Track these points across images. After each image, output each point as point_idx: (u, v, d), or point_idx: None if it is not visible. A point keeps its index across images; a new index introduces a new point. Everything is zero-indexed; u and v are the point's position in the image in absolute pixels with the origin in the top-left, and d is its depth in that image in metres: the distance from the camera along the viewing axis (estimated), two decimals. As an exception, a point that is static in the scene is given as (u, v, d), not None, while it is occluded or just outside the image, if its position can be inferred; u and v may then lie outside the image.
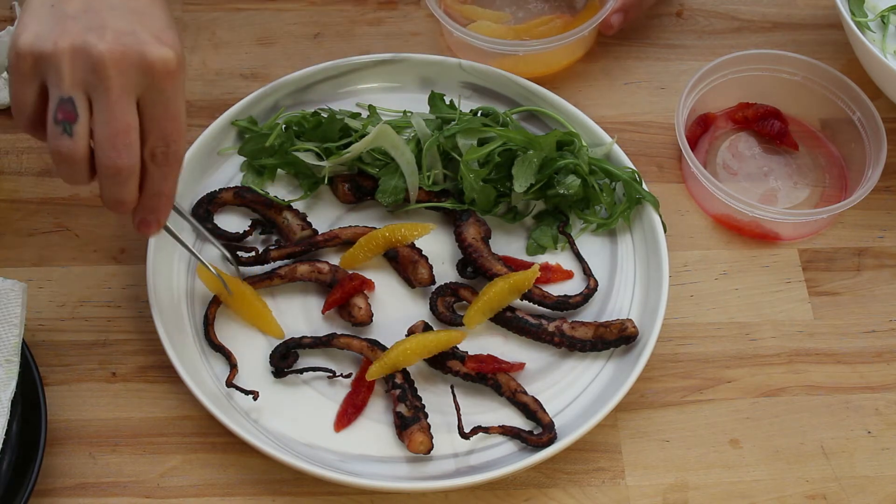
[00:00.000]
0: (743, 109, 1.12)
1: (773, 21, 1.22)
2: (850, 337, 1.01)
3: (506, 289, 0.96)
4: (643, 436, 0.95)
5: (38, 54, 0.75)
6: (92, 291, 0.99)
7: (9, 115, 1.09)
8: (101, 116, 0.75)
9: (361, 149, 1.01)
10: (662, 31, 1.20)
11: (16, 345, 0.89)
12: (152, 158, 0.78)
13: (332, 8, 1.19)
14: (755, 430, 0.95)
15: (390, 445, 0.92)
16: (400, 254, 0.99)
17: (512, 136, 1.01)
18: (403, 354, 0.93)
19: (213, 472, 0.91)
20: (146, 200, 0.81)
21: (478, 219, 1.01)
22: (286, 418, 0.93)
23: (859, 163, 1.08)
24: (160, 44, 0.76)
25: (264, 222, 1.02)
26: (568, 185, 1.02)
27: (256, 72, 1.14)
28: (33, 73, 0.76)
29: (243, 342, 0.96)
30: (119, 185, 0.78)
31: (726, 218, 1.06)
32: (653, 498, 0.92)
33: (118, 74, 0.74)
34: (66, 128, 0.76)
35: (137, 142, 0.77)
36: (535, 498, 0.91)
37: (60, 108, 0.75)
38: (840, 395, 0.98)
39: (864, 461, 0.94)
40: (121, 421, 0.93)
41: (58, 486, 0.89)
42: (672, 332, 1.00)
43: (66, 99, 0.75)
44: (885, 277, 1.04)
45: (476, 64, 1.09)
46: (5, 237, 1.02)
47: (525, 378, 0.96)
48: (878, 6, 1.13)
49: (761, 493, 0.92)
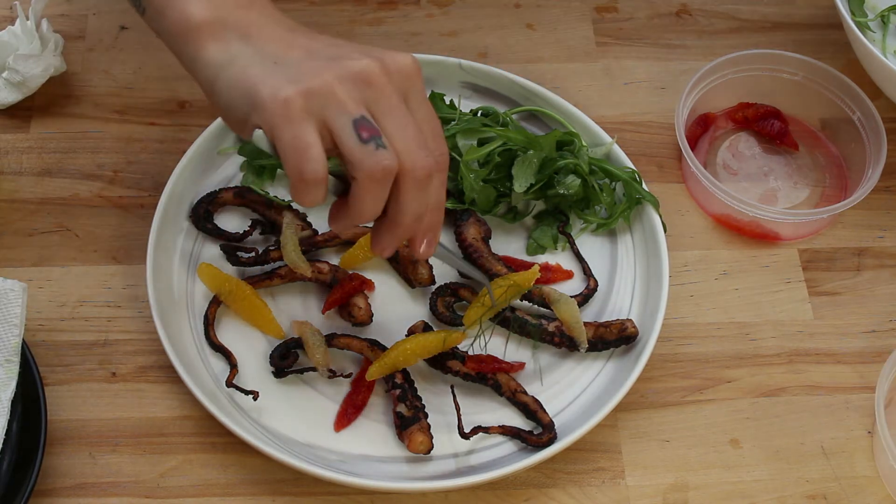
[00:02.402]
0: (743, 109, 1.12)
1: (773, 21, 1.22)
2: (850, 337, 1.01)
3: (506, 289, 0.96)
4: (643, 436, 0.95)
5: (307, 93, 0.73)
6: (92, 291, 0.99)
7: (8, 115, 1.09)
8: (392, 125, 0.74)
9: (361, 149, 1.01)
10: (662, 31, 1.20)
11: (16, 345, 0.89)
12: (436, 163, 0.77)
13: (332, 8, 1.19)
14: (755, 430, 0.95)
15: (390, 445, 0.92)
16: (400, 254, 0.99)
17: (512, 136, 1.01)
18: (403, 354, 0.93)
19: (213, 472, 0.91)
20: (430, 216, 0.79)
21: (478, 219, 1.01)
22: (286, 418, 0.93)
23: (859, 163, 1.08)
24: (398, 54, 0.76)
25: (264, 222, 1.02)
26: (568, 185, 1.02)
27: (256, 72, 1.14)
28: (307, 113, 0.73)
29: (243, 342, 0.96)
30: (422, 191, 0.76)
31: (726, 218, 1.06)
32: (653, 498, 0.92)
33: (389, 82, 0.74)
34: (378, 143, 0.73)
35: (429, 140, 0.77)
36: (535, 498, 0.91)
37: (362, 128, 0.73)
38: (840, 395, 0.98)
39: (864, 461, 0.94)
40: (121, 421, 0.93)
41: (58, 486, 0.89)
42: (672, 332, 1.00)
43: (359, 118, 0.73)
44: (885, 277, 1.04)
45: (476, 64, 1.09)
46: (5, 237, 1.02)
47: (525, 378, 0.96)
48: (878, 6, 1.13)
49: (761, 493, 0.92)
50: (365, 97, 0.74)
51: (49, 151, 1.07)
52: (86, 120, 1.09)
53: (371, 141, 0.73)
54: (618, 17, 1.21)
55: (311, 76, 0.73)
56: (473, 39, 1.18)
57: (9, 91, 1.08)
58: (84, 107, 1.10)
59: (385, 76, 0.74)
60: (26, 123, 1.09)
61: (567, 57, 1.17)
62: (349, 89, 0.73)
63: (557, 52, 1.17)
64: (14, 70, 1.06)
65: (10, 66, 1.06)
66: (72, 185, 1.05)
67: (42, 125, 1.09)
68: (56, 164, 1.06)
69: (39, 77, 1.07)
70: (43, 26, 1.09)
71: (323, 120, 0.74)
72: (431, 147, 0.77)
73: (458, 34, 1.18)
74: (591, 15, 1.21)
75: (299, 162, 0.73)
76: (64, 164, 1.06)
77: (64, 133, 1.08)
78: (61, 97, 1.11)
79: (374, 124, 0.74)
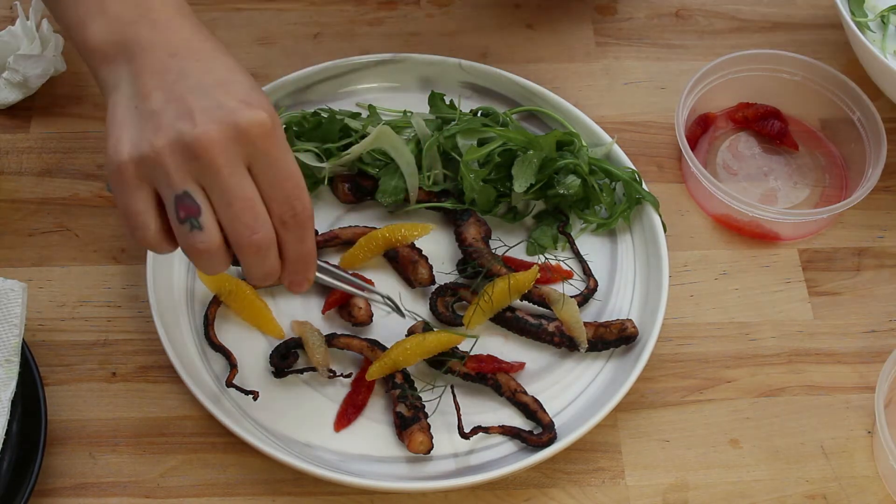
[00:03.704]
0: (743, 109, 1.12)
1: (773, 21, 1.22)
2: (850, 337, 1.01)
3: (506, 289, 0.96)
4: (643, 436, 0.95)
5: (139, 160, 0.72)
6: (92, 291, 0.99)
7: (9, 115, 1.09)
8: (220, 200, 0.73)
9: (361, 151, 1.01)
10: (662, 31, 1.20)
11: (16, 345, 0.89)
12: (283, 225, 0.75)
13: (332, 8, 1.19)
14: (755, 430, 0.95)
15: (390, 445, 0.92)
16: (400, 254, 0.99)
17: (512, 136, 1.01)
18: (403, 354, 0.93)
19: (213, 472, 0.91)
20: (290, 266, 0.78)
21: (478, 219, 1.01)
22: (286, 418, 0.93)
23: (859, 163, 1.08)
24: (249, 108, 0.73)
25: (264, 222, 1.02)
26: (568, 185, 1.02)
27: (256, 72, 1.14)
28: (139, 180, 0.73)
29: (243, 342, 0.96)
30: (261, 259, 0.75)
31: (726, 218, 1.06)
32: (653, 498, 0.92)
33: (221, 153, 0.72)
34: (193, 224, 0.73)
35: (265, 212, 0.74)
36: (535, 498, 0.91)
37: (180, 206, 0.73)
38: (840, 395, 0.98)
39: (864, 461, 0.94)
40: (121, 421, 0.93)
41: (58, 486, 0.89)
42: (672, 332, 1.00)
43: (181, 195, 0.72)
44: (885, 277, 1.04)
45: (476, 64, 1.09)
46: (5, 237, 1.02)
47: (525, 378, 0.96)
48: (878, 6, 1.13)
49: (761, 493, 0.92)
50: (193, 169, 0.72)
51: (49, 151, 1.07)
52: (86, 120, 1.09)
53: (186, 221, 0.73)
54: (618, 17, 1.21)
55: (149, 138, 0.72)
56: (473, 39, 1.18)
57: (9, 91, 1.08)
58: (84, 107, 1.10)
59: (222, 145, 0.72)
60: (26, 123, 1.09)
61: (567, 57, 1.17)
62: (178, 162, 0.72)
63: (557, 52, 1.17)
64: (14, 70, 1.06)
65: (11, 66, 1.06)
66: (72, 185, 1.05)
67: (42, 125, 1.09)
68: (56, 164, 1.06)
69: (40, 77, 1.07)
70: (43, 26, 1.09)
71: (154, 190, 0.74)
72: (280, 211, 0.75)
73: (458, 34, 1.18)
74: (591, 15, 1.21)
75: (129, 228, 0.75)
76: (64, 164, 1.06)
77: (64, 133, 1.08)
78: (62, 97, 1.11)
79: (195, 202, 0.73)
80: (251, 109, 0.73)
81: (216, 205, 0.73)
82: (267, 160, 0.74)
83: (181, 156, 0.72)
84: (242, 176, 0.73)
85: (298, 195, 0.75)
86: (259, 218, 0.74)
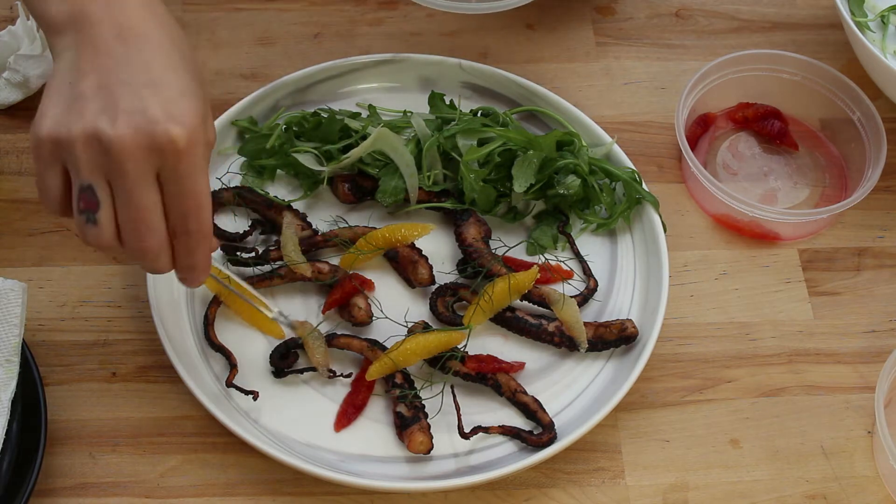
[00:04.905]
0: (743, 109, 1.12)
1: (773, 21, 1.22)
2: (850, 337, 1.01)
3: (506, 289, 0.96)
4: (643, 436, 0.95)
5: (55, 140, 0.74)
6: (92, 291, 0.99)
7: (9, 115, 1.09)
8: (121, 200, 0.75)
9: (360, 153, 1.01)
10: (662, 31, 1.20)
11: (16, 345, 0.89)
12: (175, 236, 0.77)
13: (332, 8, 1.19)
14: (755, 430, 0.95)
15: (390, 445, 0.92)
16: (400, 254, 0.99)
17: (512, 136, 1.01)
18: (403, 354, 0.93)
19: (213, 472, 0.91)
20: (180, 270, 0.81)
21: (478, 219, 1.01)
22: (286, 418, 0.93)
23: (859, 163, 1.08)
24: (169, 121, 0.74)
25: (264, 222, 1.02)
26: (568, 185, 1.02)
27: (256, 72, 1.14)
28: (53, 158, 0.75)
29: (243, 342, 0.96)
30: (149, 262, 0.78)
31: (726, 218, 1.06)
32: (653, 498, 0.92)
33: (131, 159, 0.73)
34: (89, 217, 0.75)
35: (161, 222, 0.76)
36: (535, 498, 0.91)
37: (82, 197, 0.75)
38: (840, 395, 0.98)
39: (863, 461, 0.94)
40: (121, 421, 0.93)
41: (58, 486, 0.89)
42: (672, 332, 1.00)
43: (85, 187, 0.74)
44: (885, 277, 1.04)
45: (476, 64, 1.09)
46: (5, 237, 1.02)
47: (525, 378, 0.96)
48: (878, 6, 1.13)
49: (761, 493, 0.92)
50: (103, 165, 0.74)
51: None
52: (86, 120, 1.09)
53: (84, 213, 0.75)
54: (618, 17, 1.21)
55: (70, 122, 0.74)
56: (473, 39, 1.18)
57: (9, 91, 1.08)
58: (84, 107, 1.10)
59: (134, 152, 0.73)
60: (27, 123, 1.08)
61: (567, 57, 1.17)
62: (89, 154, 0.74)
63: (557, 52, 1.17)
64: (14, 70, 1.06)
65: (11, 66, 1.06)
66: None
67: (42, 125, 1.09)
68: (56, 164, 1.06)
69: (40, 77, 1.07)
70: (43, 26, 1.09)
71: (66, 169, 0.76)
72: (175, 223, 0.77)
73: (458, 34, 1.18)
74: (591, 15, 1.21)
75: (41, 197, 0.78)
76: (64, 164, 1.06)
77: (64, 133, 1.08)
78: (61, 97, 1.11)
79: (96, 197, 0.74)
80: (170, 123, 0.74)
81: (117, 203, 0.75)
82: (173, 175, 0.75)
83: (94, 150, 0.73)
84: (148, 185, 0.75)
85: (196, 214, 0.77)
86: (152, 228, 0.76)
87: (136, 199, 0.75)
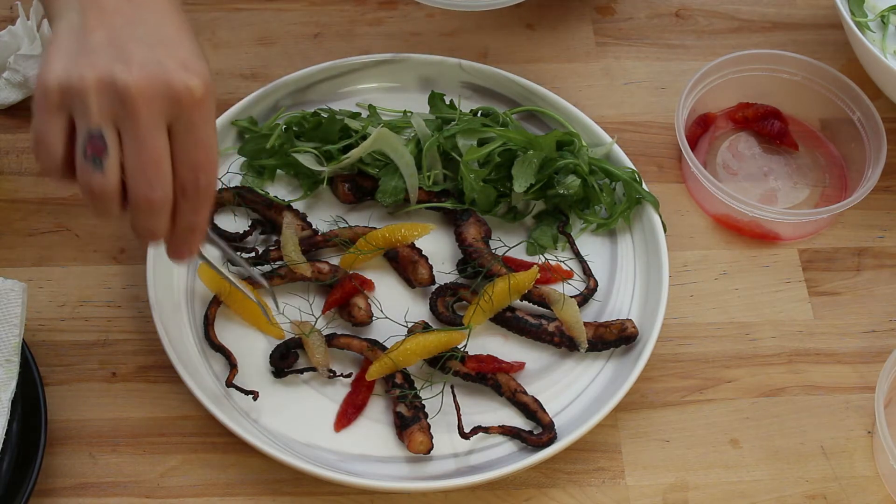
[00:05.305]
0: (743, 109, 1.12)
1: (773, 21, 1.22)
2: (850, 337, 1.01)
3: (506, 289, 0.96)
4: (643, 436, 0.95)
5: (66, 88, 0.72)
6: (92, 291, 0.99)
7: (9, 115, 1.09)
8: (130, 148, 0.73)
9: (360, 153, 1.01)
10: (662, 31, 1.20)
11: (16, 345, 0.89)
12: (182, 191, 0.76)
13: (332, 8, 1.19)
14: (755, 430, 0.95)
15: (390, 445, 0.92)
16: (400, 254, 0.99)
17: (512, 136, 1.01)
18: (403, 354, 0.93)
19: (213, 472, 0.91)
20: (178, 233, 0.78)
21: (478, 219, 1.01)
22: (286, 418, 0.93)
23: (859, 163, 1.08)
24: (186, 72, 0.73)
25: (264, 222, 1.02)
26: (568, 185, 1.02)
27: (256, 72, 1.14)
28: (60, 108, 0.73)
29: (243, 342, 0.96)
30: (152, 217, 0.76)
31: (726, 218, 1.06)
32: (653, 498, 0.92)
33: (146, 105, 0.72)
34: (96, 162, 0.73)
35: (169, 173, 0.75)
36: (535, 498, 0.91)
37: (90, 142, 0.73)
38: (840, 395, 0.98)
39: (863, 461, 0.94)
40: (121, 421, 0.93)
41: (58, 486, 0.89)
42: (672, 332, 1.00)
43: (95, 132, 0.72)
44: (885, 277, 1.04)
45: (476, 64, 1.09)
46: (5, 237, 1.02)
47: (525, 378, 0.96)
48: (878, 6, 1.13)
49: (761, 493, 0.92)
50: (115, 112, 0.72)
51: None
52: (86, 120, 1.09)
53: (91, 159, 0.73)
54: (618, 17, 1.21)
55: (81, 69, 0.72)
56: (473, 39, 1.18)
57: (9, 91, 1.08)
58: (84, 107, 1.10)
59: (150, 97, 0.72)
60: (27, 123, 1.07)
61: (567, 57, 1.17)
62: (102, 100, 0.72)
63: (557, 52, 1.17)
64: (15, 70, 1.06)
65: (11, 66, 1.06)
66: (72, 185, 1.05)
67: (42, 125, 1.09)
68: (56, 164, 1.06)
69: (39, 77, 1.07)
70: (44, 26, 1.09)
71: (70, 122, 0.74)
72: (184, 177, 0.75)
73: (458, 34, 1.18)
74: (591, 15, 1.21)
75: (36, 153, 0.75)
76: (64, 164, 1.06)
77: (64, 133, 1.08)
78: (61, 97, 1.11)
79: (104, 143, 0.73)
80: (188, 74, 0.73)
81: (126, 152, 0.73)
82: (188, 125, 0.74)
83: (107, 95, 0.72)
84: (160, 132, 0.73)
85: (207, 167, 0.76)
86: (161, 176, 0.74)
87: (148, 145, 0.73)
